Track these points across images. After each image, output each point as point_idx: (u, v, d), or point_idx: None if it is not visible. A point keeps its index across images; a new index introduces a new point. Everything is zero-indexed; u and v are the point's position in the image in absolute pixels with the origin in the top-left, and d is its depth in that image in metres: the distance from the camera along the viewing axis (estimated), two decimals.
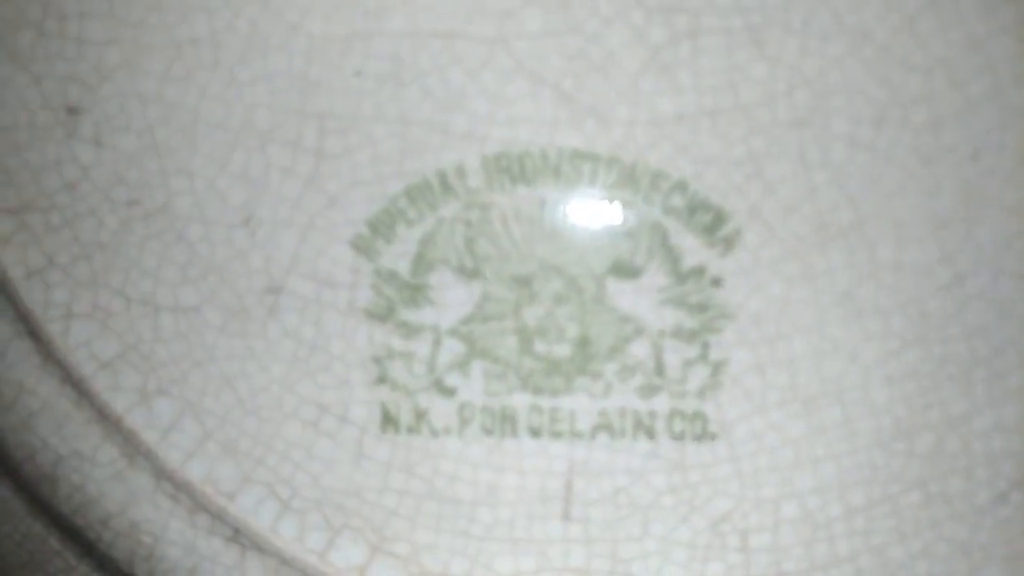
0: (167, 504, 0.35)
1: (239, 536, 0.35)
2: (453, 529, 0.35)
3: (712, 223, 0.33)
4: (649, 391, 0.34)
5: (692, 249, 0.33)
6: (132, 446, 0.34)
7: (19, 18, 0.33)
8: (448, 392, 0.34)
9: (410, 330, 0.34)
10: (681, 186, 0.33)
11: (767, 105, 0.29)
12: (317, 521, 0.35)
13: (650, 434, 0.35)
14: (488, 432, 0.35)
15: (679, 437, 0.35)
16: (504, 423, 0.34)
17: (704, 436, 0.35)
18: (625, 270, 0.34)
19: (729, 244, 0.33)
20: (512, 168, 0.33)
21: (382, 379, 0.34)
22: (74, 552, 0.37)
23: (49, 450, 0.35)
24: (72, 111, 0.33)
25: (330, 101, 0.33)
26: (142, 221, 0.33)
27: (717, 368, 0.34)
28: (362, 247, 0.33)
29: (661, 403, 0.35)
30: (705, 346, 0.33)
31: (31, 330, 0.34)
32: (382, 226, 0.33)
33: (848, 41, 0.32)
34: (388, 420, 0.34)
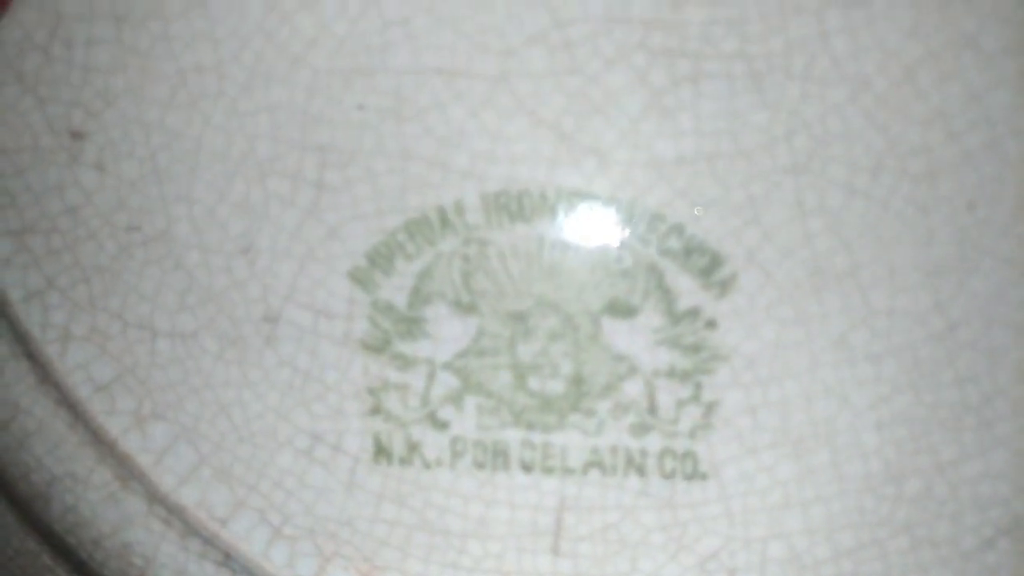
0: (159, 527, 0.35)
1: (230, 561, 0.35)
2: (443, 560, 0.34)
3: (708, 266, 0.29)
4: (641, 430, 0.34)
5: (688, 291, 0.33)
6: (126, 469, 0.34)
7: (26, 42, 0.32)
8: (441, 425, 0.34)
9: (405, 362, 0.33)
10: (678, 229, 0.30)
11: (766, 150, 0.28)
12: (308, 548, 0.34)
13: (641, 472, 0.34)
14: (480, 466, 0.34)
15: (670, 476, 0.34)
16: (496, 457, 0.34)
17: (695, 475, 0.32)
18: (621, 309, 0.33)
19: (725, 287, 0.29)
20: (511, 206, 0.33)
21: (376, 410, 0.34)
22: (66, 568, 0.36)
23: (44, 470, 0.35)
24: (76, 136, 0.33)
25: (331, 134, 0.32)
26: (142, 247, 0.33)
27: (709, 409, 0.34)
28: (360, 279, 0.33)
29: (653, 442, 0.34)
30: (698, 387, 0.30)
31: (28, 351, 0.34)
32: (380, 259, 0.33)
33: (848, 89, 0.29)
34: (381, 451, 0.34)
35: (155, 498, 0.34)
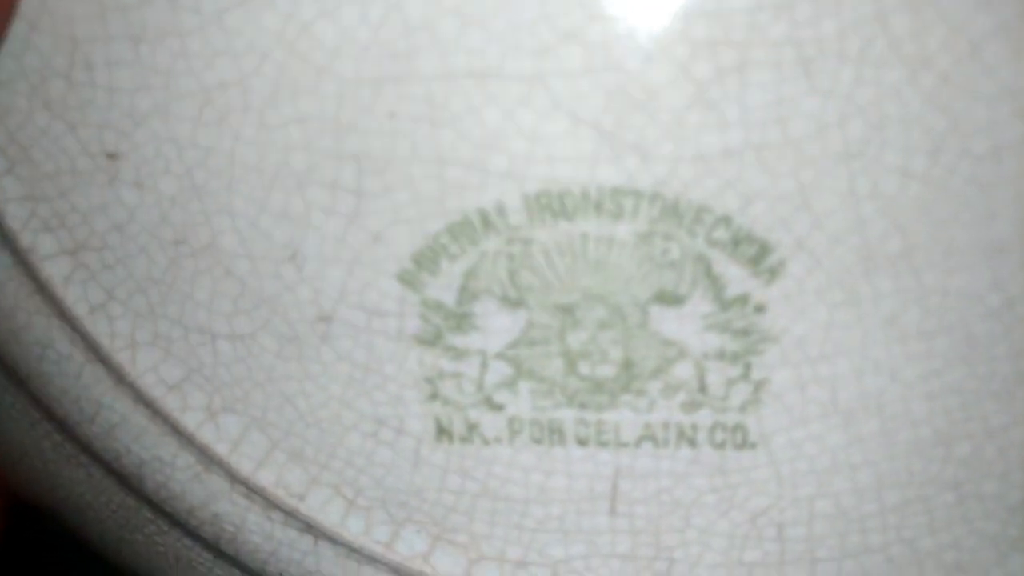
0: (243, 502, 0.22)
1: (311, 529, 0.22)
2: (507, 523, 0.22)
3: (757, 255, 0.20)
4: (692, 407, 0.21)
5: (736, 279, 0.20)
6: (206, 456, 0.22)
7: (47, 69, 0.20)
8: (497, 407, 0.21)
9: (458, 354, 0.21)
10: (726, 220, 0.20)
11: (817, 138, 0.19)
12: (381, 517, 0.22)
13: (692, 444, 0.21)
14: (537, 441, 0.21)
15: (720, 446, 0.21)
16: (552, 434, 0.21)
17: (744, 445, 0.21)
18: (668, 299, 0.20)
19: (774, 274, 0.20)
20: (553, 205, 0.20)
21: (434, 396, 0.21)
22: (166, 521, 0.23)
23: (132, 455, 0.22)
24: (112, 157, 0.20)
25: (365, 142, 0.20)
26: (191, 258, 0.21)
27: (759, 386, 0.21)
28: (408, 280, 0.20)
29: (703, 417, 0.21)
30: (747, 367, 0.21)
31: (102, 358, 0.21)
32: (426, 261, 0.20)
33: (907, 70, 0.19)
34: (442, 431, 0.21)
35: (236, 479, 0.22)
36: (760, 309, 0.20)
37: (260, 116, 0.19)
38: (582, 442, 0.22)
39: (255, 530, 0.23)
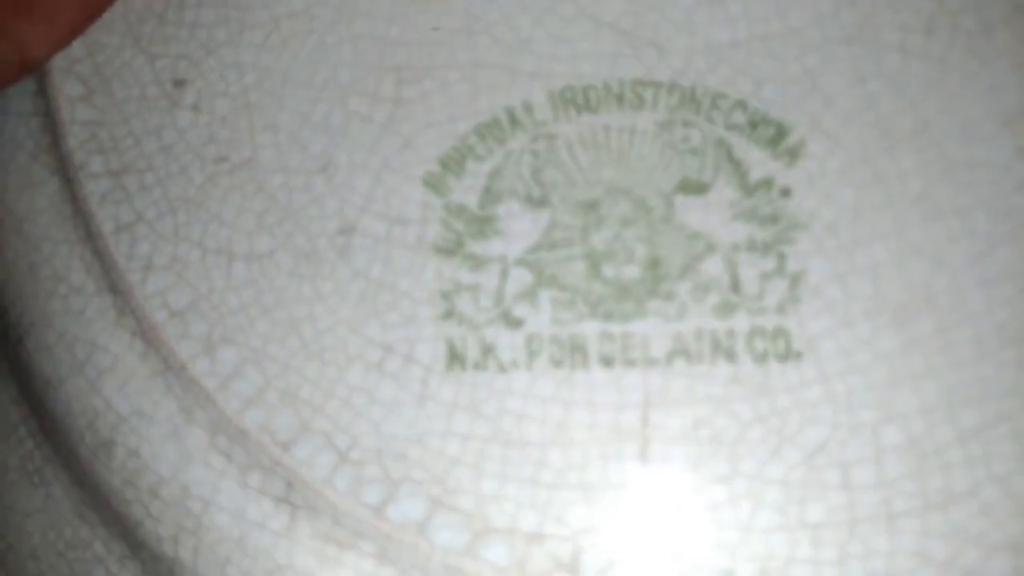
0: (219, 463, 0.18)
1: (290, 494, 0.17)
2: (520, 476, 0.17)
3: (775, 136, 0.19)
4: (726, 309, 0.18)
5: (758, 162, 0.18)
6: (192, 396, 0.18)
7: (146, 11, 0.20)
8: (516, 323, 0.18)
9: (478, 262, 0.18)
10: (741, 104, 0.19)
11: (816, 26, 0.19)
12: (375, 473, 0.17)
13: (730, 356, 0.17)
14: (557, 364, 0.17)
15: (762, 358, 0.17)
16: (574, 353, 0.17)
17: (788, 355, 0.17)
18: (693, 187, 0.18)
19: (794, 155, 0.18)
20: (577, 99, 0.19)
21: (449, 314, 0.18)
22: (117, 556, 0.19)
23: (111, 411, 0.18)
24: (178, 83, 0.19)
25: (408, 54, 0.19)
26: (227, 175, 0.19)
27: (795, 280, 0.18)
28: (432, 183, 0.18)
29: (740, 321, 0.18)
30: (781, 257, 0.18)
31: (112, 284, 0.19)
32: (452, 162, 0.18)
33: None
34: (454, 357, 0.18)
35: (218, 427, 0.18)
36: (786, 193, 0.18)
37: (320, 38, 0.19)
38: (607, 361, 0.17)
39: (225, 506, 0.17)
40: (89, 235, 0.19)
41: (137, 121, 0.20)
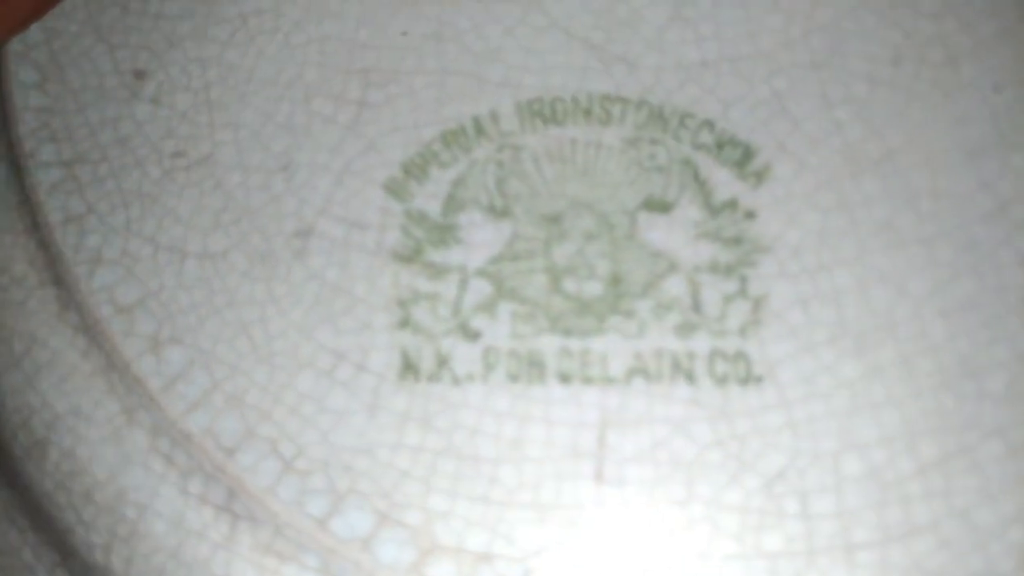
0: (160, 467, 0.16)
1: (232, 502, 0.16)
2: (471, 493, 0.16)
3: (742, 157, 0.18)
4: (687, 329, 0.17)
5: (724, 182, 0.18)
6: (134, 397, 0.17)
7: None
8: (473, 335, 0.17)
9: (437, 271, 0.17)
10: (709, 124, 0.18)
11: (786, 49, 0.16)
12: (321, 484, 0.16)
13: (690, 378, 0.17)
14: (514, 378, 0.16)
15: (721, 380, 0.17)
16: (531, 368, 0.16)
17: (749, 379, 0.17)
18: (657, 205, 0.17)
19: (760, 177, 0.18)
20: (544, 111, 0.18)
21: (405, 322, 0.17)
22: (47, 564, 0.17)
23: (47, 409, 0.17)
24: (138, 75, 0.18)
25: (376, 58, 0.18)
26: (184, 171, 0.18)
27: (758, 303, 0.17)
28: (394, 189, 0.17)
29: (700, 343, 0.17)
30: (743, 280, 0.19)
31: (56, 276, 0.17)
32: (415, 168, 0.18)
33: None
34: (408, 367, 0.16)
35: (160, 430, 0.17)
36: (750, 215, 0.17)
37: (286, 37, 0.19)
38: (565, 378, 0.16)
39: (162, 512, 0.16)
40: (35, 225, 0.18)
41: (93, 111, 0.19)
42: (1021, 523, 0.16)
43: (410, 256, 0.18)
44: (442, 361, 0.17)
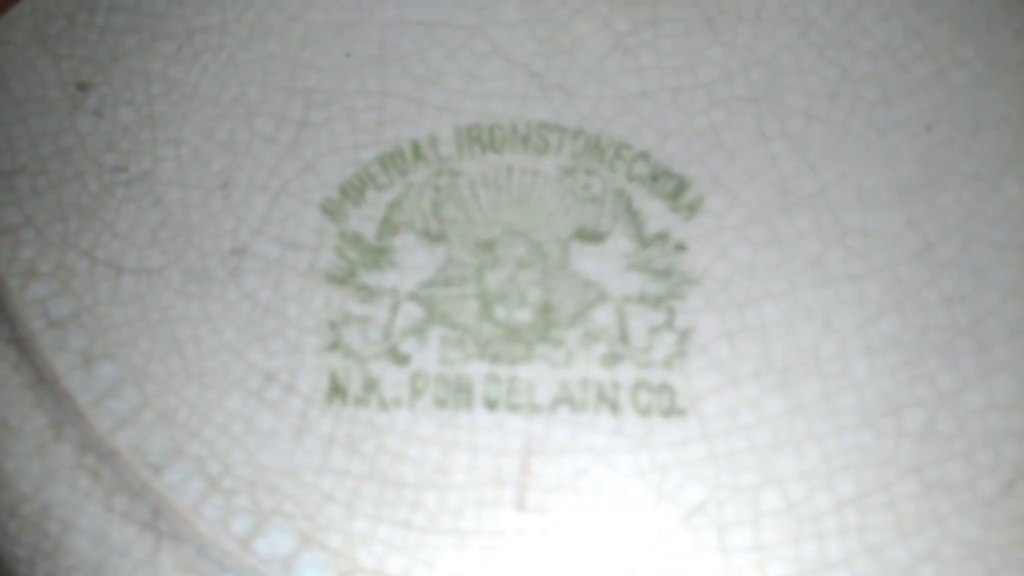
0: (85, 483, 0.16)
1: (157, 520, 0.16)
2: (393, 518, 0.15)
3: (675, 189, 0.18)
4: (612, 360, 0.17)
5: (656, 214, 0.18)
6: (63, 412, 0.16)
7: (55, 10, 0.19)
8: (402, 360, 0.16)
9: (369, 294, 0.17)
10: (644, 156, 0.18)
11: (724, 82, 0.15)
12: (245, 504, 0.16)
13: (614, 407, 0.16)
14: (441, 404, 0.16)
15: (645, 411, 0.16)
16: (459, 394, 0.16)
17: (672, 411, 0.17)
18: (589, 235, 0.17)
19: (693, 210, 0.18)
20: (483, 137, 0.18)
21: (335, 345, 0.16)
22: None
23: None
24: (82, 87, 0.18)
25: (318, 78, 0.18)
26: (124, 186, 0.18)
27: (684, 336, 0.17)
28: (330, 210, 0.17)
29: (626, 373, 0.17)
30: (671, 312, 0.19)
31: None
32: (352, 190, 0.17)
33: (798, 28, 0.19)
34: (336, 390, 0.16)
35: (88, 445, 0.16)
36: (681, 248, 0.17)
37: (230, 55, 0.18)
38: (491, 404, 0.16)
39: (86, 528, 0.16)
40: None
41: (35, 121, 0.19)
42: (933, 561, 0.16)
43: (343, 278, 0.18)
44: (370, 385, 0.17)
